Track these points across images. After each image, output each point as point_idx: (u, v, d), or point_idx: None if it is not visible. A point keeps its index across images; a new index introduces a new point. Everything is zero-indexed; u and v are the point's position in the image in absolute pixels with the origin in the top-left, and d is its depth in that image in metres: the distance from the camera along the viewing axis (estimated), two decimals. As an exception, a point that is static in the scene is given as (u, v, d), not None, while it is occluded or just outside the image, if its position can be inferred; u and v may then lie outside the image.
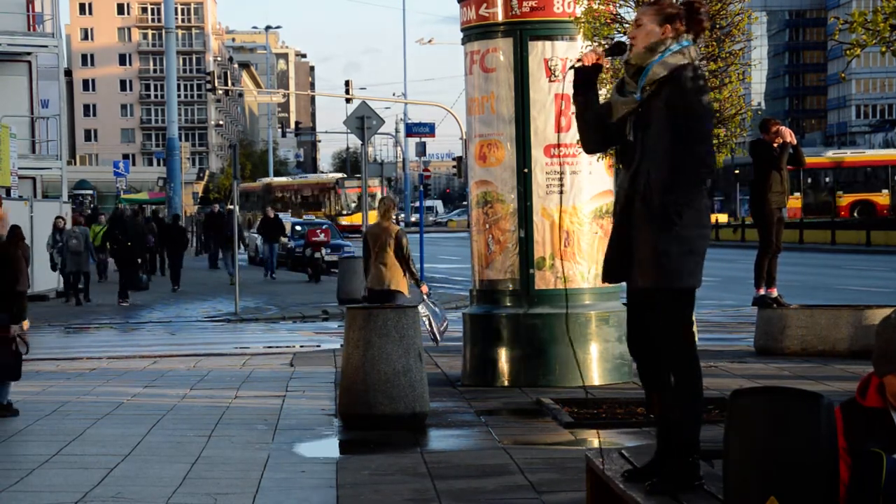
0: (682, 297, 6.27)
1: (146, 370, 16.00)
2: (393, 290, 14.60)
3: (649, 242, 6.17)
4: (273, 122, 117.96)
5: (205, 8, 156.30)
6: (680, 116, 6.16)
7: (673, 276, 6.19)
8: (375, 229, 14.92)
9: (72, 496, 8.23)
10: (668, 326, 6.23)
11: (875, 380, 5.07)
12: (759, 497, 4.77)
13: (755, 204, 15.77)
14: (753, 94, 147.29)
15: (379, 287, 14.68)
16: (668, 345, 6.24)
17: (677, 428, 6.22)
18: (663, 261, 6.16)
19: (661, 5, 6.35)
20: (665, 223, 6.12)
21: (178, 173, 44.76)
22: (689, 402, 6.26)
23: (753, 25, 30.69)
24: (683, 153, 6.15)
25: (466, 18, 13.97)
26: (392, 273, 14.69)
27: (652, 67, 6.20)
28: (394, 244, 14.65)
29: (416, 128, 48.22)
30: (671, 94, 6.17)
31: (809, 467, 4.70)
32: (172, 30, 37.94)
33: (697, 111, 6.19)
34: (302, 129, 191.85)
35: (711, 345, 17.55)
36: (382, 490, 8.49)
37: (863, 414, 5.06)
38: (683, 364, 6.26)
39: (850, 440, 5.02)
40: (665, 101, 6.18)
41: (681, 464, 6.07)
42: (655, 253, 6.16)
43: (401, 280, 14.76)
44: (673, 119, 6.16)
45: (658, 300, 6.23)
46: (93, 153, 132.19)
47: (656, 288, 6.22)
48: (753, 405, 4.91)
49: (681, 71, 6.19)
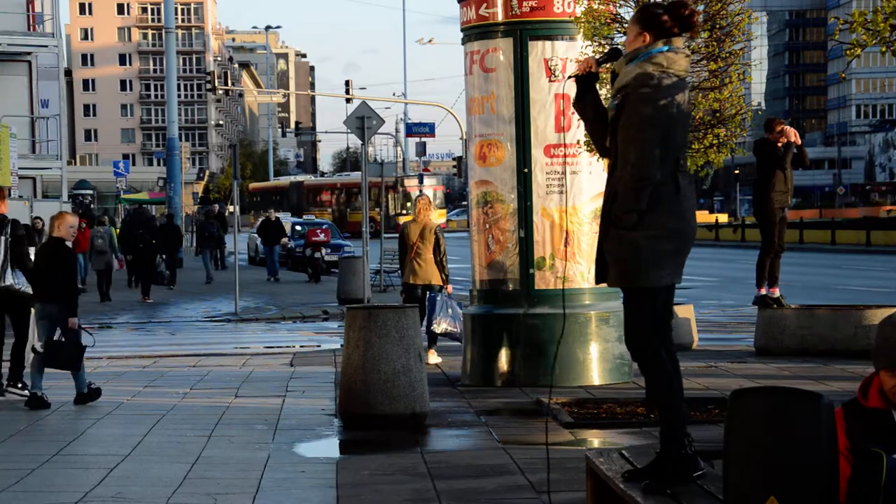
0: (647, 295, 6.38)
1: (146, 370, 16.00)
2: (432, 283, 15.81)
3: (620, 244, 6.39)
4: (273, 122, 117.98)
5: (205, 8, 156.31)
6: (627, 122, 6.34)
7: (632, 276, 6.37)
8: (413, 226, 15.93)
9: (72, 496, 8.23)
10: (635, 323, 6.39)
11: (877, 380, 5.08)
12: (759, 497, 4.78)
13: (758, 203, 15.76)
14: (753, 94, 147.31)
15: (415, 281, 15.81)
16: (634, 341, 6.40)
17: (661, 423, 6.35)
18: (619, 262, 6.39)
19: (641, 13, 6.56)
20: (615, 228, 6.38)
21: (178, 173, 44.75)
22: (665, 398, 6.32)
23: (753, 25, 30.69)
24: (624, 161, 6.36)
25: (466, 18, 13.97)
26: (428, 268, 15.78)
27: (619, 75, 6.42)
28: (432, 241, 15.78)
29: (416, 128, 48.32)
30: (629, 102, 6.34)
31: (809, 467, 4.70)
32: (172, 30, 37.94)
33: (639, 121, 6.32)
34: (302, 129, 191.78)
35: (711, 345, 17.55)
36: (382, 490, 8.49)
37: (864, 414, 5.06)
38: (651, 361, 6.37)
39: (851, 440, 5.02)
40: (625, 108, 6.35)
41: (670, 460, 6.11)
42: (612, 255, 6.42)
43: (435, 274, 15.85)
44: (621, 125, 6.36)
45: (625, 298, 6.50)
46: (93, 153, 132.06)
47: (621, 286, 6.51)
48: (753, 405, 4.91)
49: (638, 79, 6.33)
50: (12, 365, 13.41)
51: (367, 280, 26.77)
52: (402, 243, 16.02)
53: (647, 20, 6.42)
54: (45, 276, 12.65)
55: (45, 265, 12.70)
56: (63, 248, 12.76)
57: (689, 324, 16.69)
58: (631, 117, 6.30)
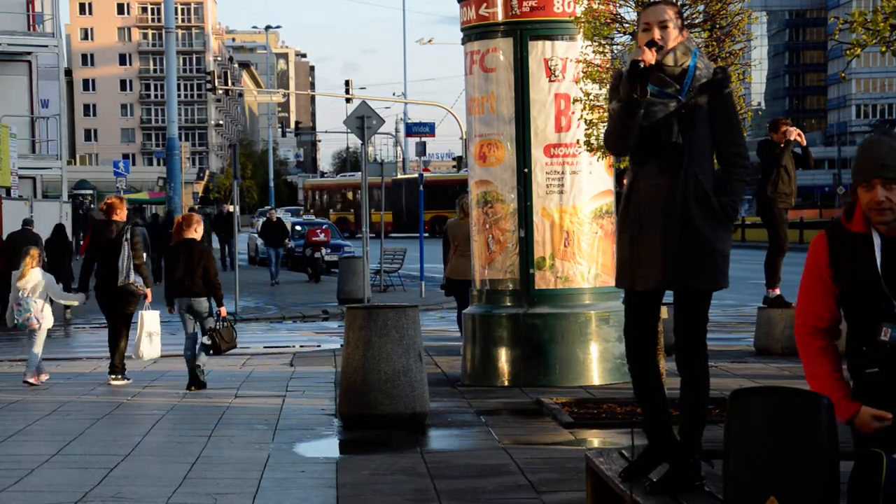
0: (710, 297, 6.30)
1: (147, 370, 15.99)
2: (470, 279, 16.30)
3: (709, 243, 6.13)
4: (273, 121, 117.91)
5: (205, 8, 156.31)
6: (726, 116, 6.24)
7: (724, 276, 6.22)
8: (456, 224, 16.84)
9: (72, 496, 8.23)
10: (699, 326, 6.23)
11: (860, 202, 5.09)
12: (759, 497, 4.77)
13: (763, 204, 15.67)
14: (753, 94, 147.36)
15: (458, 277, 16.60)
16: (693, 345, 6.22)
17: (686, 429, 6.19)
18: (718, 261, 6.17)
19: (679, 10, 6.43)
20: (723, 222, 6.16)
21: (178, 173, 44.63)
22: (702, 404, 6.25)
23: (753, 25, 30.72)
24: (731, 153, 6.23)
25: (466, 18, 13.97)
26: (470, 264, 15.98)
27: (695, 69, 6.21)
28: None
29: (416, 128, 48.22)
30: (716, 95, 6.22)
31: (809, 467, 4.70)
32: (172, 30, 37.85)
33: (737, 112, 6.35)
34: (302, 129, 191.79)
35: (711, 345, 17.42)
36: (382, 490, 8.49)
37: (847, 238, 5.08)
38: (702, 365, 6.26)
39: (834, 266, 5.06)
40: (710, 102, 6.20)
41: (685, 464, 6.06)
42: (713, 253, 6.14)
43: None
44: (720, 119, 6.22)
45: (696, 301, 6.20)
46: (93, 153, 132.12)
47: (708, 289, 6.21)
48: (753, 405, 4.91)
49: (721, 73, 6.28)
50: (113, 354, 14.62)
51: (368, 280, 26.77)
52: (445, 240, 17.10)
53: (681, 16, 6.40)
54: (189, 275, 13.85)
55: (186, 264, 13.87)
56: (199, 247, 14.14)
57: (690, 324, 16.66)
58: (730, 109, 6.22)
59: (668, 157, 6.15)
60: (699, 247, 6.11)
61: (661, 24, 6.28)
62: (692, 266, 6.11)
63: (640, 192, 6.21)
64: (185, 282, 13.89)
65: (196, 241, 14.09)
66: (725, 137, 6.22)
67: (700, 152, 6.17)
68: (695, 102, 6.19)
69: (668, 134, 6.16)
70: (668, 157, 6.15)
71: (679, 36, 6.29)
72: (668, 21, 6.28)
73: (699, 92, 6.20)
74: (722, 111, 6.22)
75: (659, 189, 6.15)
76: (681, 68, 6.21)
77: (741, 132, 6.33)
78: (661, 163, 6.17)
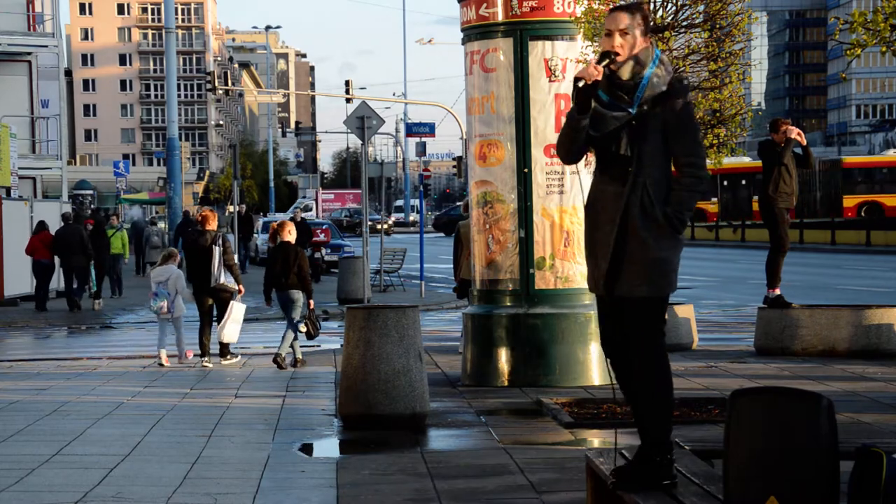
0: (664, 304, 6.33)
1: (146, 370, 16.00)
2: None
3: (650, 252, 6.19)
4: (273, 122, 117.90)
5: (205, 8, 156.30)
6: (680, 126, 6.23)
7: (669, 284, 6.27)
8: (469, 225, 16.57)
9: (72, 496, 8.23)
10: (649, 333, 6.28)
11: None
12: (759, 497, 4.78)
13: (764, 204, 15.66)
14: (753, 94, 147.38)
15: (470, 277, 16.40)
16: (645, 351, 6.29)
17: (648, 430, 6.30)
18: (664, 269, 6.22)
19: (645, 15, 6.36)
20: (669, 232, 6.19)
21: (178, 173, 44.64)
22: (661, 405, 6.30)
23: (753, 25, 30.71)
24: (683, 163, 6.25)
25: (466, 18, 13.97)
26: None
27: (649, 81, 6.21)
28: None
29: (416, 128, 48.28)
30: (671, 107, 6.21)
31: (809, 467, 4.70)
32: (172, 30, 37.88)
33: (693, 122, 6.31)
34: (302, 129, 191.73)
35: (711, 345, 17.55)
36: (382, 490, 8.49)
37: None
38: (658, 369, 6.30)
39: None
40: (664, 112, 6.21)
41: (649, 463, 6.15)
42: (657, 262, 6.20)
43: None
44: (673, 129, 6.22)
45: (644, 308, 6.26)
46: (93, 153, 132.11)
47: (650, 296, 6.25)
48: (753, 405, 4.92)
49: (678, 83, 6.26)
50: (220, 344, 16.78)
51: (367, 280, 26.77)
52: (457, 242, 17.14)
53: (647, 22, 6.37)
54: (285, 272, 16.18)
55: (283, 264, 16.24)
56: (295, 249, 16.42)
57: (689, 324, 16.69)
58: (684, 120, 6.21)
59: (619, 168, 6.23)
60: (641, 255, 6.18)
61: (621, 31, 6.26)
62: (633, 274, 6.20)
63: (596, 199, 6.34)
64: (281, 278, 16.17)
65: (291, 244, 16.38)
66: (678, 147, 6.25)
67: (652, 163, 6.21)
68: (647, 114, 6.20)
69: (618, 146, 6.22)
70: (618, 167, 6.23)
71: (643, 41, 6.27)
72: (628, 28, 6.26)
73: (653, 103, 6.21)
74: (676, 121, 6.21)
75: (608, 197, 6.26)
76: (635, 79, 6.21)
77: (698, 142, 6.30)
78: (612, 172, 6.26)
